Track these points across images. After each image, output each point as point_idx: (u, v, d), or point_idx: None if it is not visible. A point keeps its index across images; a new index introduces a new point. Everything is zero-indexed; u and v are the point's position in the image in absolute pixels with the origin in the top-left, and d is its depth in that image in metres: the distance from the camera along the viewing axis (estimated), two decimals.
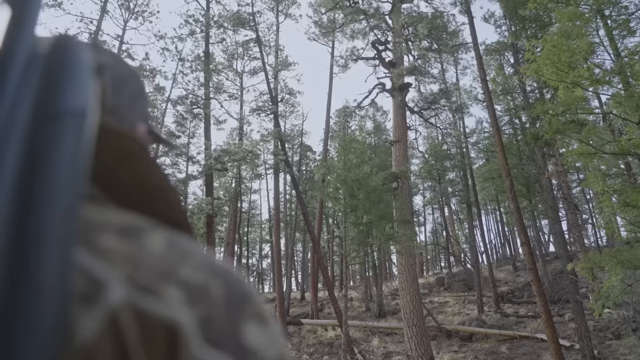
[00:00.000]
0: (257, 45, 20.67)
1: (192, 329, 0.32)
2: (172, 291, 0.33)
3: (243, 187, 33.92)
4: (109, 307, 0.29)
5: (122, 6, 21.34)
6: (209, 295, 0.34)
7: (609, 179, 10.63)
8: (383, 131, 30.24)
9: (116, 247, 0.34)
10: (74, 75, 0.35)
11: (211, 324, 0.33)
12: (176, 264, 0.35)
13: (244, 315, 0.36)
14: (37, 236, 0.28)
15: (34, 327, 0.26)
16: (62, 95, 0.33)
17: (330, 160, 21.21)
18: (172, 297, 0.32)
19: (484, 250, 27.13)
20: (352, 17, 18.47)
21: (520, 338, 15.97)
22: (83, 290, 0.30)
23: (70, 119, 0.33)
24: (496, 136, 13.23)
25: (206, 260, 0.38)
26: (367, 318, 21.62)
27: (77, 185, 0.31)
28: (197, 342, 0.32)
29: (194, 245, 0.39)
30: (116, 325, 0.29)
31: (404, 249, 14.21)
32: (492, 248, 41.68)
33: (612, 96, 9.77)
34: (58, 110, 0.32)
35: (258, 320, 0.37)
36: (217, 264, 0.39)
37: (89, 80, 0.36)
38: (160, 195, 0.44)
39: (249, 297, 0.38)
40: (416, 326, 13.31)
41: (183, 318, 0.32)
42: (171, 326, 0.31)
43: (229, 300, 0.36)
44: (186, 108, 23.44)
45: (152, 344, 0.30)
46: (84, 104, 0.34)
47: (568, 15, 9.57)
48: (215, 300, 0.34)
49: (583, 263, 10.50)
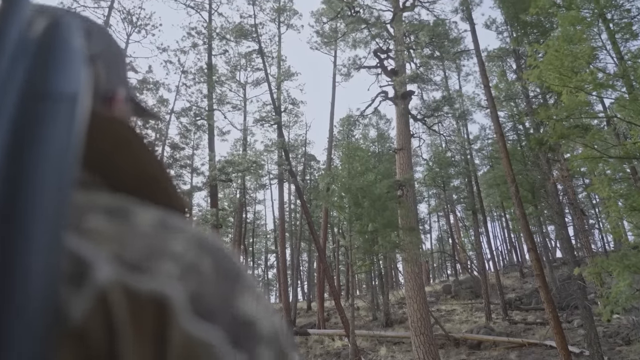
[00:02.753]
0: (260, 56, 20.78)
1: (182, 302, 0.32)
2: (162, 266, 0.33)
3: (247, 197, 33.91)
4: (98, 287, 0.29)
5: (125, 20, 21.51)
6: (199, 271, 0.34)
7: (614, 183, 10.56)
8: (387, 139, 30.19)
9: (103, 227, 0.34)
10: (67, 61, 0.35)
11: (202, 299, 0.33)
12: (166, 241, 0.35)
13: (236, 289, 0.36)
14: (25, 219, 0.28)
15: (24, 311, 0.26)
16: (54, 79, 0.33)
17: (334, 169, 21.20)
18: (162, 271, 0.32)
19: (491, 257, 27.00)
20: (354, 26, 18.53)
21: (529, 345, 15.82)
22: (70, 271, 0.30)
23: (62, 103, 0.32)
24: (500, 142, 13.19)
25: (197, 237, 0.37)
26: (374, 327, 21.48)
27: (68, 169, 0.31)
28: (188, 315, 0.31)
29: (186, 223, 0.39)
30: (105, 304, 0.29)
31: (410, 257, 14.14)
32: (498, 255, 41.49)
33: (616, 100, 9.74)
34: (49, 93, 0.32)
35: (251, 294, 0.37)
36: (208, 241, 0.38)
37: (81, 67, 0.36)
38: (156, 181, 0.44)
39: (240, 273, 0.38)
40: (424, 335, 13.20)
41: (172, 291, 0.31)
42: (160, 300, 0.31)
43: (220, 275, 0.35)
44: (190, 120, 23.53)
45: (142, 321, 0.30)
46: (75, 89, 0.34)
47: (570, 20, 9.56)
48: (206, 276, 0.34)
49: (590, 268, 10.41)
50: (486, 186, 28.41)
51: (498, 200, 29.77)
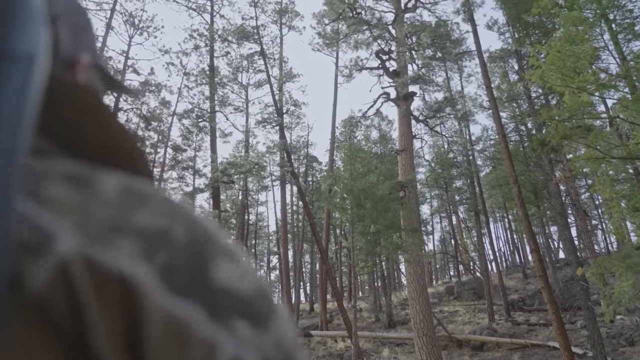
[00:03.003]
0: (262, 57, 20.80)
1: (151, 281, 0.30)
2: (127, 243, 0.30)
3: (250, 199, 33.92)
4: (59, 257, 0.27)
5: (127, 22, 21.56)
6: (169, 241, 0.32)
7: (617, 184, 10.55)
8: (389, 140, 30.21)
9: (64, 195, 0.31)
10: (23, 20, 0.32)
11: (175, 271, 0.31)
12: (132, 210, 0.32)
13: (209, 255, 0.34)
14: None
15: None
16: (9, 38, 0.30)
17: (336, 170, 21.20)
18: (128, 247, 0.30)
19: (493, 258, 27.02)
20: (356, 28, 18.55)
21: (532, 346, 15.79)
22: (30, 240, 0.28)
23: (16, 63, 0.30)
24: (502, 143, 13.18)
25: (166, 204, 0.35)
26: (376, 329, 21.47)
27: (21, 133, 0.29)
28: (159, 293, 0.29)
29: (153, 190, 0.36)
30: (67, 276, 0.27)
31: (413, 258, 14.14)
32: (501, 256, 41.45)
33: (619, 100, 9.73)
34: (3, 53, 0.30)
35: (226, 258, 0.35)
36: (178, 208, 0.36)
37: (40, 27, 0.34)
38: (121, 149, 0.41)
39: (213, 237, 0.36)
40: (426, 336, 13.19)
41: (139, 271, 0.29)
42: (126, 280, 0.29)
43: (192, 242, 0.33)
44: (192, 122, 23.55)
45: (107, 296, 0.28)
46: (32, 50, 0.32)
47: (572, 20, 9.56)
48: (177, 245, 0.32)
49: (593, 269, 10.38)
50: (488, 187, 28.41)
51: (500, 201, 29.76)
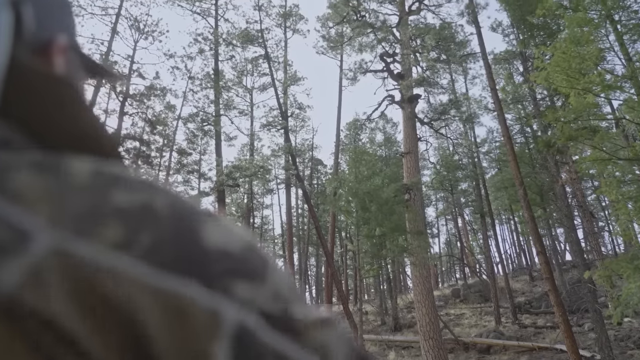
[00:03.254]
0: (266, 61, 20.82)
1: (137, 267, 0.27)
2: (108, 227, 0.28)
3: (255, 202, 33.98)
4: (33, 257, 0.25)
5: (132, 27, 21.63)
6: (153, 216, 0.29)
7: (624, 185, 10.49)
8: (393, 143, 30.19)
9: (32, 184, 0.28)
10: None
11: (163, 246, 0.28)
12: (107, 191, 0.29)
13: (195, 221, 0.31)
14: None
15: None
16: None
17: (341, 173, 21.19)
18: (109, 235, 0.27)
19: (499, 260, 26.84)
20: (360, 31, 18.55)
21: (539, 349, 15.70)
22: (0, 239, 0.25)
23: None
24: (508, 145, 13.14)
25: (139, 179, 0.32)
26: (382, 332, 21.42)
27: None
28: (148, 277, 0.27)
29: (123, 169, 0.33)
30: (43, 276, 0.25)
31: (418, 261, 14.09)
32: (507, 258, 41.28)
33: (625, 101, 9.69)
34: None
35: (210, 220, 0.32)
36: (153, 182, 0.33)
37: None
38: (90, 138, 0.38)
39: (195, 205, 0.33)
40: (433, 339, 13.14)
41: (125, 263, 0.27)
42: (109, 273, 0.26)
43: (175, 212, 0.30)
44: (197, 125, 23.61)
45: (90, 295, 0.26)
46: None
47: (577, 22, 9.53)
48: (161, 218, 0.30)
49: (600, 271, 10.33)
50: (494, 189, 28.30)
51: (506, 203, 29.65)
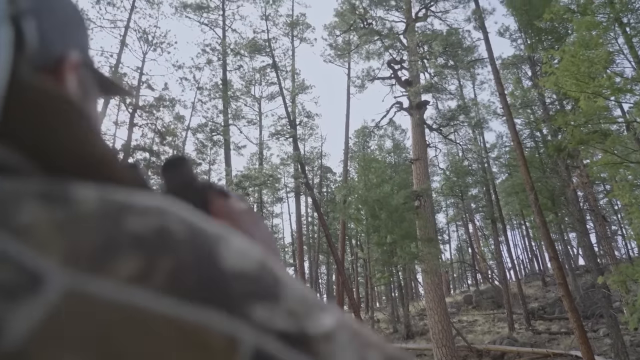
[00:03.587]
0: (274, 70, 20.93)
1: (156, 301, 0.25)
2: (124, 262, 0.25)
3: (265, 211, 33.97)
4: (47, 300, 0.23)
5: (141, 39, 21.86)
6: (170, 240, 0.27)
7: (636, 188, 10.39)
8: (402, 149, 30.15)
9: (41, 217, 0.26)
10: None
11: (183, 273, 0.26)
12: (118, 218, 0.27)
13: (213, 243, 0.29)
14: None
15: None
16: None
17: (350, 180, 21.17)
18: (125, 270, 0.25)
19: (512, 266, 26.70)
20: (367, 38, 18.60)
21: (554, 356, 15.53)
22: (10, 284, 0.23)
23: None
24: (517, 150, 13.07)
25: (150, 198, 0.30)
26: (394, 340, 21.28)
27: None
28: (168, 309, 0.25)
29: (129, 190, 0.31)
30: (55, 324, 0.22)
31: (430, 268, 14.02)
32: (519, 264, 40.95)
33: (635, 104, 9.61)
34: None
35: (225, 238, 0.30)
36: (162, 199, 0.31)
37: None
38: (100, 165, 0.35)
39: (206, 220, 0.31)
40: (446, 347, 13.05)
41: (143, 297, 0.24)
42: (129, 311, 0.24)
43: (192, 233, 0.29)
44: (206, 135, 23.76)
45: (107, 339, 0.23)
46: None
47: (585, 25, 9.48)
48: (179, 242, 0.27)
49: (615, 276, 10.22)
50: (505, 194, 28.15)
51: (517, 209, 29.47)
